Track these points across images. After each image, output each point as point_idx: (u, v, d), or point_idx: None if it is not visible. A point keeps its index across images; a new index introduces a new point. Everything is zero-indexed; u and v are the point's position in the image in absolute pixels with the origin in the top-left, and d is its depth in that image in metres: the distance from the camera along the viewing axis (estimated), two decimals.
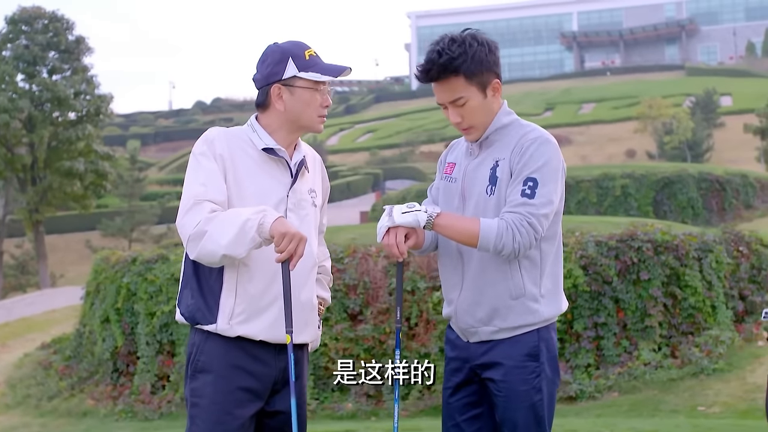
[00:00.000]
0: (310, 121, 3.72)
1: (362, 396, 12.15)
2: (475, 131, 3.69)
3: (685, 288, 12.60)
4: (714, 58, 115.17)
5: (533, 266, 3.64)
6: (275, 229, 3.41)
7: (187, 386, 3.67)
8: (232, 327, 3.58)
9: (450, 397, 3.75)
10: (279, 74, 3.66)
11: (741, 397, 11.10)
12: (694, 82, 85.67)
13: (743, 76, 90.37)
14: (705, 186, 29.81)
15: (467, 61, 3.58)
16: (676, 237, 12.89)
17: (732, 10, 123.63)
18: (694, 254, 12.83)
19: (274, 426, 3.72)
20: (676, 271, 12.66)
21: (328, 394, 12.27)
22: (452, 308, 3.74)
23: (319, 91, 3.70)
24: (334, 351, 12.18)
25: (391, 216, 3.54)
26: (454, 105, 3.64)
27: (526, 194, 3.52)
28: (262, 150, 3.68)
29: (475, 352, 3.70)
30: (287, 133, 3.73)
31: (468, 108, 3.63)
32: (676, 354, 12.21)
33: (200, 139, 3.70)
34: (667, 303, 12.66)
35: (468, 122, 3.66)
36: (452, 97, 3.63)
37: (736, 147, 62.41)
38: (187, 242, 3.51)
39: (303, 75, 3.65)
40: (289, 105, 3.68)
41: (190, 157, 3.70)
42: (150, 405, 13.00)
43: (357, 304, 12.39)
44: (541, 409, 3.63)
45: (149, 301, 13.50)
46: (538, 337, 3.66)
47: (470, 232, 3.51)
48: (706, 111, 71.10)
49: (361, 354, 12.17)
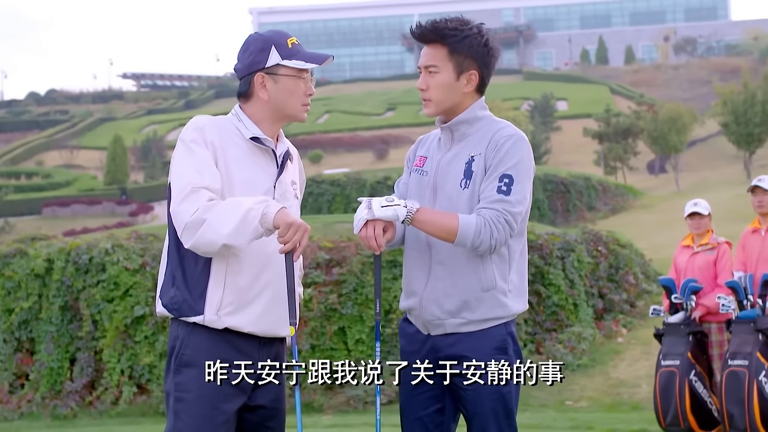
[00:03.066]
0: (294, 109, 3.67)
1: None
2: (432, 106, 3.72)
3: (549, 286, 12.94)
4: (550, 63, 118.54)
5: (502, 261, 3.66)
6: (280, 219, 3.36)
7: (169, 381, 3.55)
8: (220, 318, 3.49)
9: (411, 391, 3.70)
10: (262, 63, 3.60)
11: (606, 392, 11.48)
12: (531, 86, 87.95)
13: (578, 82, 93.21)
14: (550, 188, 30.65)
15: (457, 38, 3.64)
16: (541, 237, 13.23)
17: (567, 17, 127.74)
18: (557, 253, 13.19)
19: (254, 420, 3.65)
20: (541, 269, 12.99)
21: None
22: (416, 300, 3.71)
23: (302, 80, 3.64)
24: None
25: (371, 209, 3.50)
26: (426, 71, 3.69)
27: (503, 191, 3.55)
28: (249, 139, 3.62)
29: (438, 344, 3.68)
30: (271, 123, 3.67)
31: (436, 80, 3.68)
32: (541, 350, 12.50)
33: (189, 127, 3.60)
34: (532, 301, 12.98)
35: (429, 94, 3.70)
36: (427, 63, 3.69)
37: (572, 150, 64.44)
38: (183, 230, 3.40)
39: (287, 63, 3.60)
40: (273, 94, 3.62)
41: (178, 144, 3.58)
42: (8, 405, 12.47)
43: None
44: (510, 402, 3.64)
45: (6, 297, 12.98)
46: (505, 331, 3.68)
47: (449, 227, 3.51)
48: (544, 115, 73.21)
49: None
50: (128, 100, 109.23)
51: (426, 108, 3.75)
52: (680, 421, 7.79)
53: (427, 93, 3.71)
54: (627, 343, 13.14)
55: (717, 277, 8.08)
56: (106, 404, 11.77)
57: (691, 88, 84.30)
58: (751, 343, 7.39)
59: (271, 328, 3.58)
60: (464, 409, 3.68)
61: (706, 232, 8.29)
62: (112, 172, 62.16)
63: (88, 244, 12.58)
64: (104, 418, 11.54)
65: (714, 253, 8.18)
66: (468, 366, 3.59)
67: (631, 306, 14.42)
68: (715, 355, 8.05)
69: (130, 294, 12.00)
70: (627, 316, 13.99)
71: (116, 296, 12.00)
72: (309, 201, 28.71)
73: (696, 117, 54.14)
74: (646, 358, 12.44)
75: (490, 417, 3.62)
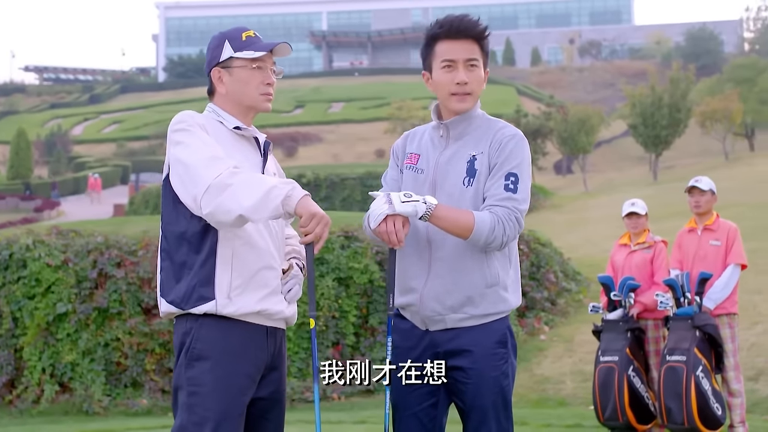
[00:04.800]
0: (252, 100, 3.70)
1: (157, 391, 11.86)
2: (470, 100, 3.77)
3: None
4: None
5: (503, 257, 3.73)
6: (304, 207, 3.33)
7: (181, 376, 3.51)
8: (231, 300, 3.48)
9: (405, 387, 3.70)
10: (217, 58, 3.70)
11: (532, 388, 11.65)
12: None
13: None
14: None
15: (486, 37, 3.81)
16: None
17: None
18: None
19: (255, 412, 3.64)
20: None
21: (121, 390, 11.89)
22: (415, 296, 3.73)
23: (258, 69, 3.68)
24: (127, 346, 11.82)
25: (392, 204, 3.50)
26: (468, 65, 3.75)
27: (510, 189, 3.63)
28: (233, 129, 3.67)
29: (438, 339, 3.71)
30: (239, 116, 3.72)
31: (476, 74, 3.76)
32: None
33: (180, 117, 3.62)
34: None
35: (470, 87, 3.75)
36: (471, 56, 3.76)
37: None
38: (205, 193, 3.35)
39: (238, 54, 3.67)
40: (229, 86, 3.69)
41: (177, 133, 3.56)
42: None
43: (152, 298, 12.05)
44: (509, 394, 3.71)
45: None
46: (505, 325, 3.76)
47: (465, 224, 3.55)
48: None
49: (157, 349, 11.88)
50: (31, 94, 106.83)
51: (463, 102, 3.78)
52: (619, 415, 7.93)
53: (468, 86, 3.76)
54: (550, 341, 13.35)
55: (654, 275, 8.24)
56: (27, 403, 11.54)
57: (596, 90, 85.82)
58: (689, 339, 7.56)
59: (278, 305, 3.60)
60: (462, 402, 3.72)
61: (642, 231, 8.44)
62: (16, 166, 60.65)
63: (8, 239, 12.32)
64: (25, 417, 11.30)
65: (651, 251, 8.34)
66: (470, 360, 3.65)
67: (552, 304, 14.66)
68: (652, 351, 8.22)
69: (52, 291, 11.79)
70: (548, 314, 14.22)
71: (38, 293, 11.79)
72: None
73: (603, 118, 55.16)
74: (569, 355, 12.66)
75: (489, 410, 3.68)
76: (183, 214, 3.51)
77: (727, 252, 7.85)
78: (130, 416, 11.35)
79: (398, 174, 3.92)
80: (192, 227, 3.50)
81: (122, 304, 11.94)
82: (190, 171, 3.42)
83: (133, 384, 11.96)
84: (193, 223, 3.49)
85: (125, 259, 12.16)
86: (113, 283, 11.94)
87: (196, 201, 3.39)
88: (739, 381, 7.83)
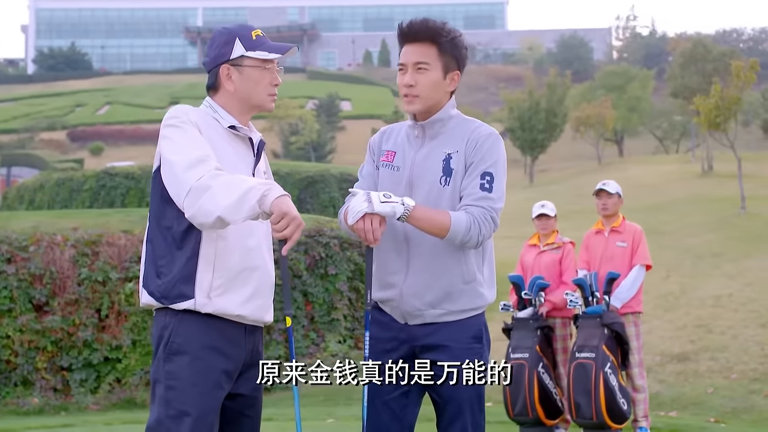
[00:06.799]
0: (260, 99, 3.72)
1: (49, 390, 11.62)
2: (418, 102, 3.81)
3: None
4: (334, 64, 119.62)
5: (477, 254, 3.82)
6: (277, 206, 3.33)
7: (159, 369, 3.50)
8: (211, 300, 3.48)
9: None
10: (227, 55, 3.69)
11: None
12: (315, 85, 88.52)
13: (361, 83, 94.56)
14: (346, 186, 30.98)
15: (447, 39, 3.81)
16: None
17: (351, 19, 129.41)
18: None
19: (234, 409, 3.65)
20: (360, 266, 13.26)
21: (11, 388, 11.61)
22: (394, 291, 3.80)
23: (267, 70, 3.71)
24: (18, 343, 11.56)
25: (371, 203, 3.56)
26: (416, 68, 3.79)
27: (486, 188, 3.72)
28: (227, 128, 3.67)
29: (416, 333, 3.80)
30: (240, 114, 3.73)
31: (425, 77, 3.79)
32: (360, 346, 12.73)
33: (174, 111, 3.60)
34: (351, 297, 13.29)
35: (418, 90, 3.79)
36: (418, 59, 3.79)
37: (357, 150, 65.29)
38: (187, 195, 3.36)
39: (251, 54, 3.67)
40: (238, 85, 3.69)
41: (167, 128, 3.55)
42: None
43: (43, 295, 11.82)
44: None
45: None
46: (481, 321, 3.86)
47: (442, 224, 3.63)
48: (329, 114, 73.91)
49: (49, 347, 11.65)
50: None
51: (411, 104, 3.84)
52: (528, 411, 8.13)
53: (415, 89, 3.81)
54: None
55: (562, 274, 8.49)
56: None
57: (470, 94, 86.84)
58: (598, 337, 7.82)
59: (257, 312, 3.62)
60: (438, 395, 3.80)
61: (552, 232, 8.68)
62: None
63: None
64: None
65: (559, 252, 8.59)
66: (448, 355, 3.73)
67: None
68: (559, 348, 8.47)
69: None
70: None
71: None
72: (101, 194, 27.89)
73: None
74: None
75: (465, 403, 3.78)
76: (171, 210, 3.52)
77: (633, 253, 8.16)
78: (20, 415, 11.09)
79: (374, 169, 4.00)
80: (178, 225, 3.51)
81: (12, 301, 11.67)
82: (175, 171, 3.43)
83: (23, 382, 11.69)
84: (179, 221, 3.49)
85: (16, 255, 11.88)
86: (3, 279, 11.67)
87: (179, 203, 3.43)
88: (642, 377, 8.15)
